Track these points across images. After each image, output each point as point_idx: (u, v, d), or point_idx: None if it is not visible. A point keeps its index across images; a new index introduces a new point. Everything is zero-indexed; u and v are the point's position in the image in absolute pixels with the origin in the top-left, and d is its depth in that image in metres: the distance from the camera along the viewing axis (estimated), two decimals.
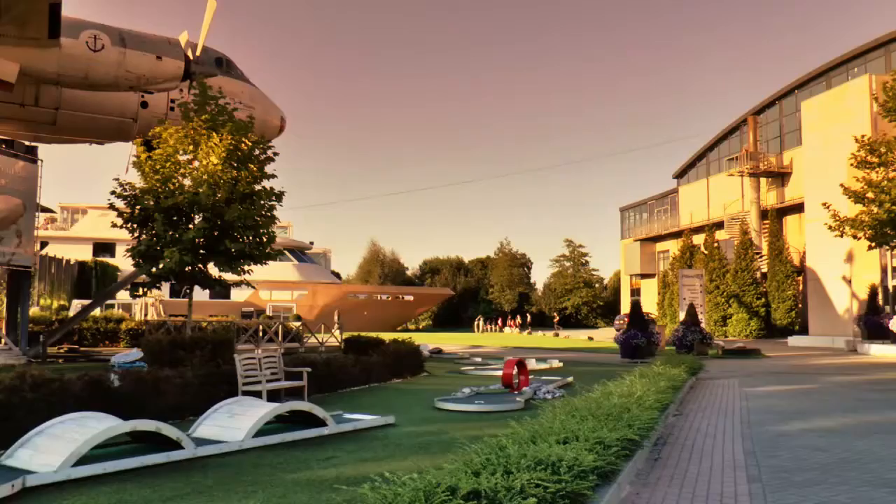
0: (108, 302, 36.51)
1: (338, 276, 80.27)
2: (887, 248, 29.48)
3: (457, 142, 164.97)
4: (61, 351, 25.76)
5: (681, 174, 65.27)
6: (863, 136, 28.43)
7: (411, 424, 11.09)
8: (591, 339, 46.45)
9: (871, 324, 30.16)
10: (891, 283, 32.72)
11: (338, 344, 29.07)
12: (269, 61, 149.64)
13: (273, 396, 12.56)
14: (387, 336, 22.02)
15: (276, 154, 18.41)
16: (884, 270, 33.04)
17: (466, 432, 9.62)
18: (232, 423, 9.40)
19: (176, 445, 8.38)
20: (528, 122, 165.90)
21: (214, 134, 17.02)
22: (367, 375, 17.05)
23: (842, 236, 28.73)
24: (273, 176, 18.18)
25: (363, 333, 22.24)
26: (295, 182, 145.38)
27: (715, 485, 7.51)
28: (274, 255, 18.81)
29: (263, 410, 9.67)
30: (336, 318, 41.17)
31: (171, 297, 49.04)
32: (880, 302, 31.45)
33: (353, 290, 71.44)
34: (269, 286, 60.30)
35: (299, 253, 65.74)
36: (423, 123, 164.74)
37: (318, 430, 10.04)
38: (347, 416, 11.27)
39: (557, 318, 72.25)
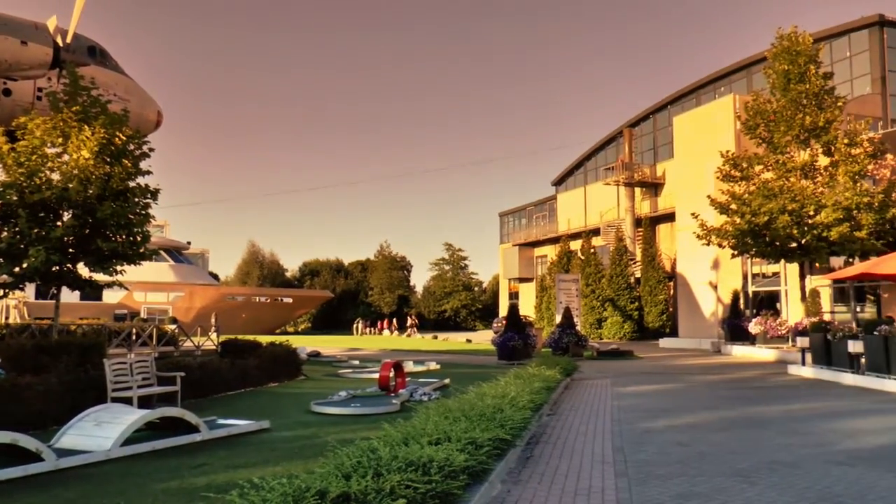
0: None
1: (216, 277, 78.18)
2: (748, 256, 31.16)
3: (337, 143, 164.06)
4: None
5: (559, 182, 66.96)
6: (727, 152, 30.02)
7: (286, 429, 11.00)
8: (469, 341, 47.05)
9: (733, 326, 31.78)
10: (751, 288, 34.56)
11: (214, 347, 28.37)
12: (145, 54, 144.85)
13: (144, 403, 12.19)
14: (264, 339, 21.69)
15: (151, 150, 17.83)
16: (745, 277, 34.86)
17: (342, 435, 9.59)
18: (98, 431, 9.03)
19: (35, 458, 7.97)
20: (410, 126, 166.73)
21: (86, 126, 16.33)
22: (243, 379, 16.76)
23: (708, 245, 30.16)
24: (148, 172, 17.62)
25: (240, 336, 21.82)
26: (171, 179, 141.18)
27: (584, 480, 7.79)
28: (149, 254, 18.23)
29: (133, 417, 9.36)
30: (213, 320, 40.09)
31: (36, 298, 46.48)
32: (742, 306, 33.17)
33: (231, 291, 69.85)
34: (143, 287, 58.13)
35: (176, 253, 63.68)
36: (305, 124, 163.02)
37: (190, 437, 9.81)
38: (221, 421, 11.07)
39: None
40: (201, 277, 66.03)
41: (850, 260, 27.99)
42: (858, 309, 30.56)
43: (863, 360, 17.97)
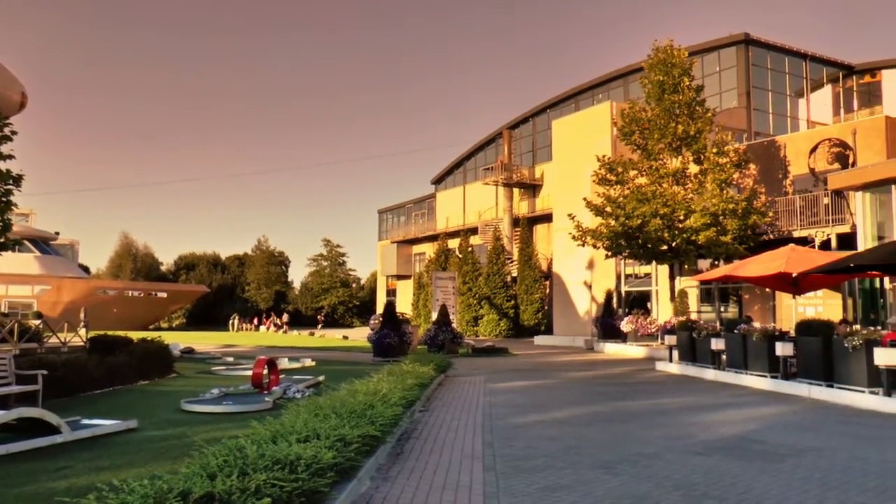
0: None
1: (86, 269, 74.87)
2: (621, 257, 32.23)
3: (216, 135, 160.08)
4: None
5: (439, 180, 67.46)
6: (604, 156, 30.97)
7: (155, 428, 10.69)
8: (346, 337, 46.66)
9: (606, 325, 32.80)
10: (623, 288, 35.75)
11: (83, 344, 27.20)
12: (13, 34, 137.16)
13: (1, 403, 11.58)
14: (136, 335, 20.94)
15: (14, 132, 16.86)
16: (618, 277, 36.02)
17: (211, 434, 9.43)
18: None
19: None
20: (290, 121, 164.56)
21: None
22: (111, 377, 16.19)
23: (584, 245, 31.00)
24: (10, 156, 16.66)
25: (111, 332, 20.99)
26: (39, 166, 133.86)
27: (452, 475, 7.89)
28: (11, 245, 17.27)
29: None
30: (82, 315, 38.31)
31: None
32: (614, 305, 34.29)
33: (103, 285, 66.87)
34: (5, 280, 55.03)
35: (42, 244, 60.49)
36: (183, 116, 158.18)
37: (51, 439, 9.37)
38: (85, 421, 10.65)
39: (322, 320, 72.08)
40: (70, 270, 62.96)
41: (716, 263, 29.36)
42: (722, 309, 32.11)
43: (723, 357, 18.87)
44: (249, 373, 16.85)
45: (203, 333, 57.77)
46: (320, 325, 72.06)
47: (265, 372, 15.04)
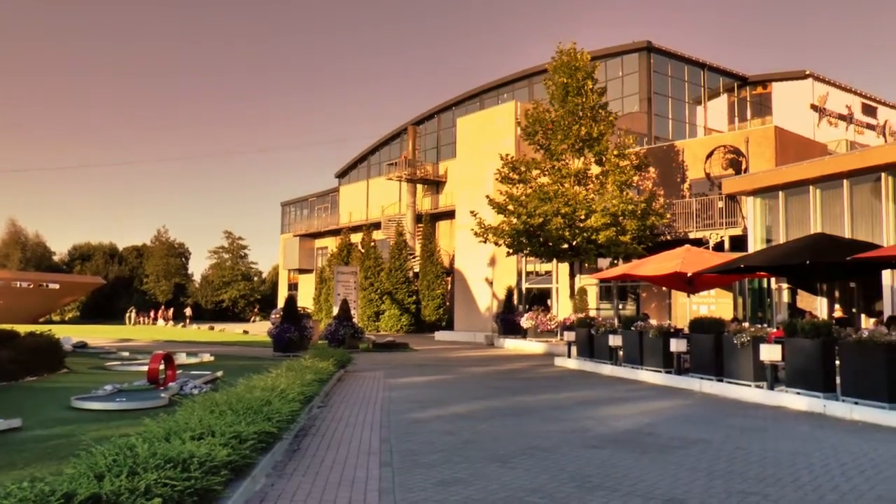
0: None
1: None
2: (523, 254, 32.65)
3: (113, 120, 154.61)
4: None
5: (342, 174, 67.03)
6: (507, 155, 31.38)
7: (41, 427, 10.12)
8: (246, 332, 45.87)
9: (506, 321, 33.21)
10: (524, 285, 36.25)
11: None
12: None
13: None
14: (25, 328, 19.94)
15: None
16: (519, 274, 36.51)
17: (102, 433, 8.99)
18: None
19: None
20: (190, 107, 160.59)
21: None
22: None
23: (486, 242, 31.27)
24: None
25: None
26: None
27: (349, 471, 7.83)
28: None
29: None
30: None
31: None
32: (515, 302, 34.72)
33: None
34: None
35: None
36: (78, 98, 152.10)
37: None
38: None
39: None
40: None
41: (615, 262, 30.04)
42: (620, 306, 32.92)
43: (621, 353, 19.32)
44: (145, 368, 16.29)
45: (98, 327, 55.79)
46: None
47: (161, 367, 14.60)
